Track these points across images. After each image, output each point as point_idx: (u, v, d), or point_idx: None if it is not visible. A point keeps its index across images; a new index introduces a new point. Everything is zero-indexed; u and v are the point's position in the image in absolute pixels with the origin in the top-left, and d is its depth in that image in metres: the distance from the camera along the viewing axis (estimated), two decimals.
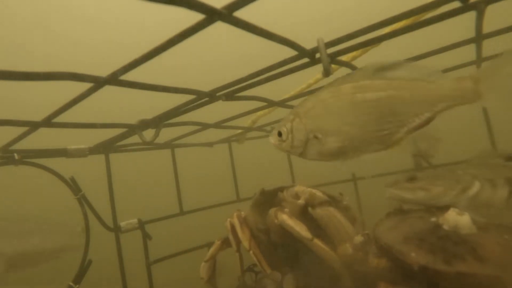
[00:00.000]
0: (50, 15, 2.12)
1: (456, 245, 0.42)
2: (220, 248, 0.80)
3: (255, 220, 0.74)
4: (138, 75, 0.46)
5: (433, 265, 0.39)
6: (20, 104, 1.57)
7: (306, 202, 0.66)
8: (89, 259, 0.73)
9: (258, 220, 0.74)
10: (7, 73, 0.34)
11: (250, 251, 0.69)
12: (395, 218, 0.55)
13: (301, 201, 0.67)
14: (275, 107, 0.83)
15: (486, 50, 0.66)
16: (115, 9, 2.31)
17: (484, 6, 0.45)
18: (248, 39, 0.46)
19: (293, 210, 0.67)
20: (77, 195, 0.74)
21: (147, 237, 0.83)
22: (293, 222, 0.63)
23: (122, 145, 0.81)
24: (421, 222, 0.50)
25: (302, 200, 0.67)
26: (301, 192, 0.69)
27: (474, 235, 0.44)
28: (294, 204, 0.67)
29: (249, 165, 1.24)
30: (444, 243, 0.43)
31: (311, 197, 0.66)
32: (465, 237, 0.44)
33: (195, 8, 0.32)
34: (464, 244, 0.42)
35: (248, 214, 0.76)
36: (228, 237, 0.79)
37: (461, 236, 0.44)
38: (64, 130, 0.57)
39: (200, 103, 0.62)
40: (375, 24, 0.46)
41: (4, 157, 0.62)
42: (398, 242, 0.46)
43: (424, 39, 0.74)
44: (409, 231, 0.48)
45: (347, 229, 0.62)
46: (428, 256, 0.41)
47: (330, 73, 0.49)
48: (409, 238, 0.46)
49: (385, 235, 0.49)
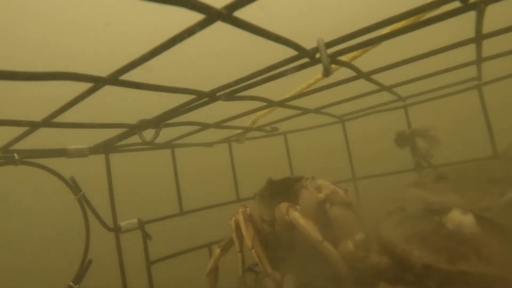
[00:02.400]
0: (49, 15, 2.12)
1: (460, 245, 0.41)
2: (220, 257, 0.79)
3: (261, 211, 0.73)
4: (138, 75, 0.46)
5: (436, 264, 0.39)
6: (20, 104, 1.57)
7: (326, 197, 0.64)
8: (89, 259, 0.73)
9: (264, 211, 0.73)
10: (8, 73, 0.34)
11: (252, 250, 0.69)
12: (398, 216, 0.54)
13: (321, 195, 0.64)
14: (275, 107, 0.83)
15: (486, 50, 0.66)
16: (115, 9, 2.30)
17: (484, 6, 0.45)
18: (248, 39, 0.46)
19: (309, 202, 0.65)
20: (77, 195, 0.74)
21: (147, 237, 0.83)
22: (305, 221, 0.61)
23: (122, 145, 0.81)
24: (424, 221, 0.50)
25: (323, 195, 0.64)
26: (324, 187, 0.66)
27: (478, 234, 0.44)
28: (314, 196, 0.65)
29: (249, 165, 1.24)
30: (447, 242, 0.42)
31: (333, 194, 0.64)
32: (469, 236, 0.43)
33: (195, 8, 0.32)
34: (468, 244, 0.41)
35: (253, 205, 0.75)
36: (227, 242, 0.79)
37: (464, 235, 0.43)
38: (64, 130, 0.57)
39: (200, 103, 0.62)
40: (375, 24, 0.46)
41: (4, 157, 0.62)
42: (401, 240, 0.45)
43: (424, 39, 0.74)
44: (412, 230, 0.47)
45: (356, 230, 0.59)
46: (432, 255, 0.41)
47: (330, 73, 0.49)
48: (412, 237, 0.45)
49: (387, 233, 0.49)
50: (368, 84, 0.72)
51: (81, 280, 0.71)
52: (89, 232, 0.75)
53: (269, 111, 0.89)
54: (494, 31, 0.56)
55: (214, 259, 0.79)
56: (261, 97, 0.68)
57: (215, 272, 0.79)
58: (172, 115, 0.66)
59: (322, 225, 0.61)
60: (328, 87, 0.70)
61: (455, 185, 0.50)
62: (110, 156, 0.81)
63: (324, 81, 0.67)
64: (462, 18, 0.46)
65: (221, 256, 0.79)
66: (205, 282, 0.79)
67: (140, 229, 0.83)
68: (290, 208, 0.65)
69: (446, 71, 0.73)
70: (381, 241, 0.48)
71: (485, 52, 0.66)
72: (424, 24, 0.46)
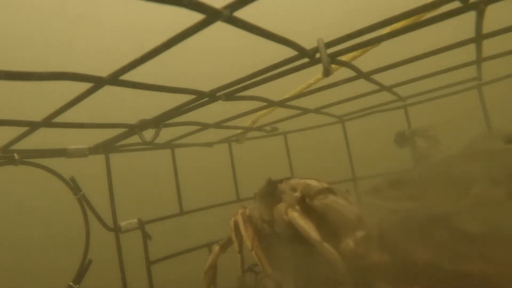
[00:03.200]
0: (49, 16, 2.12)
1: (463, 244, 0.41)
2: (219, 254, 0.79)
3: (260, 211, 0.73)
4: (138, 75, 0.46)
5: (438, 263, 0.39)
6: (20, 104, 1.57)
7: (302, 194, 0.62)
8: (89, 259, 0.73)
9: (263, 211, 0.73)
10: (8, 73, 0.34)
11: (252, 251, 0.68)
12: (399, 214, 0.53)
13: (297, 194, 0.63)
14: (275, 107, 0.83)
15: (486, 50, 0.66)
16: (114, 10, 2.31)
17: (484, 6, 0.45)
18: (249, 39, 0.47)
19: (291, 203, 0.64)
20: (77, 195, 0.74)
21: (147, 237, 0.83)
22: (304, 221, 0.60)
23: (122, 145, 0.81)
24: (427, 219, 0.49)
25: (298, 193, 0.63)
26: (296, 185, 0.65)
27: (480, 234, 0.43)
28: (291, 196, 0.65)
29: (249, 165, 1.25)
30: (450, 242, 0.42)
31: (307, 188, 0.62)
32: (472, 236, 0.43)
33: (195, 8, 0.32)
34: (471, 244, 0.41)
35: (253, 205, 0.75)
36: (226, 240, 0.78)
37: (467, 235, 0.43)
38: (64, 130, 0.57)
39: (200, 103, 0.62)
40: (375, 24, 0.46)
41: (4, 157, 0.62)
42: (403, 238, 0.45)
43: (424, 39, 0.74)
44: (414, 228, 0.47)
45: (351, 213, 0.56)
46: (434, 253, 0.40)
47: (330, 73, 0.49)
48: (414, 235, 0.45)
49: (389, 230, 0.49)
50: (368, 84, 0.72)
51: (81, 280, 0.71)
52: (89, 232, 0.75)
53: (269, 111, 0.89)
54: (494, 31, 0.56)
55: (213, 257, 0.79)
56: (261, 97, 0.68)
57: (213, 270, 0.79)
58: (172, 115, 0.66)
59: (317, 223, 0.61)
60: (328, 87, 0.70)
61: (413, 189, 0.46)
62: (110, 156, 0.81)
63: (324, 81, 0.67)
64: (462, 18, 0.46)
65: (220, 254, 0.79)
66: (203, 279, 0.79)
67: (140, 229, 0.83)
68: (289, 208, 0.64)
69: (446, 71, 0.73)
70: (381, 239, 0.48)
71: (485, 52, 0.66)
72: (424, 24, 0.46)
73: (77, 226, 0.75)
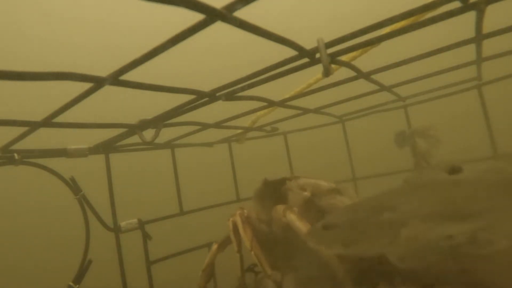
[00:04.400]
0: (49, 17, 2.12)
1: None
2: (217, 252, 0.79)
3: (258, 211, 0.73)
4: (138, 75, 0.46)
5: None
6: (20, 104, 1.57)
7: (311, 193, 0.65)
8: (89, 259, 0.73)
9: (261, 212, 0.73)
10: (8, 73, 0.34)
11: (251, 251, 0.69)
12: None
13: (307, 193, 0.65)
14: (275, 107, 0.83)
15: (486, 50, 0.66)
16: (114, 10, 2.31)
17: (484, 6, 0.45)
18: (248, 39, 0.47)
19: (298, 202, 0.66)
20: (77, 195, 0.74)
21: (147, 237, 0.83)
22: (302, 224, 0.61)
23: (122, 145, 0.81)
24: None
25: (308, 192, 0.65)
26: (306, 184, 0.68)
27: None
28: (300, 195, 0.66)
29: (249, 165, 1.25)
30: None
31: (316, 188, 0.65)
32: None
33: (195, 8, 0.32)
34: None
35: (250, 205, 0.75)
36: (226, 238, 0.78)
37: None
38: (64, 130, 0.57)
39: (200, 103, 0.62)
40: (375, 24, 0.46)
41: (4, 157, 0.62)
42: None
43: (424, 39, 0.74)
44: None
45: None
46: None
47: (330, 73, 0.49)
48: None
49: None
50: (368, 84, 0.72)
51: (81, 280, 0.71)
52: (89, 232, 0.75)
53: (269, 111, 0.89)
54: (494, 31, 0.56)
55: (211, 255, 0.79)
56: (261, 97, 0.68)
57: (211, 268, 0.80)
58: (172, 115, 0.66)
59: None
60: (328, 87, 0.70)
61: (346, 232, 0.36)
62: (110, 156, 0.81)
63: (324, 81, 0.67)
64: (462, 18, 0.46)
65: (218, 252, 0.79)
66: (201, 277, 0.79)
67: (140, 229, 0.83)
68: (287, 210, 0.65)
69: (446, 71, 0.73)
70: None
71: (485, 52, 0.66)
72: (424, 24, 0.46)
73: (77, 226, 0.75)
